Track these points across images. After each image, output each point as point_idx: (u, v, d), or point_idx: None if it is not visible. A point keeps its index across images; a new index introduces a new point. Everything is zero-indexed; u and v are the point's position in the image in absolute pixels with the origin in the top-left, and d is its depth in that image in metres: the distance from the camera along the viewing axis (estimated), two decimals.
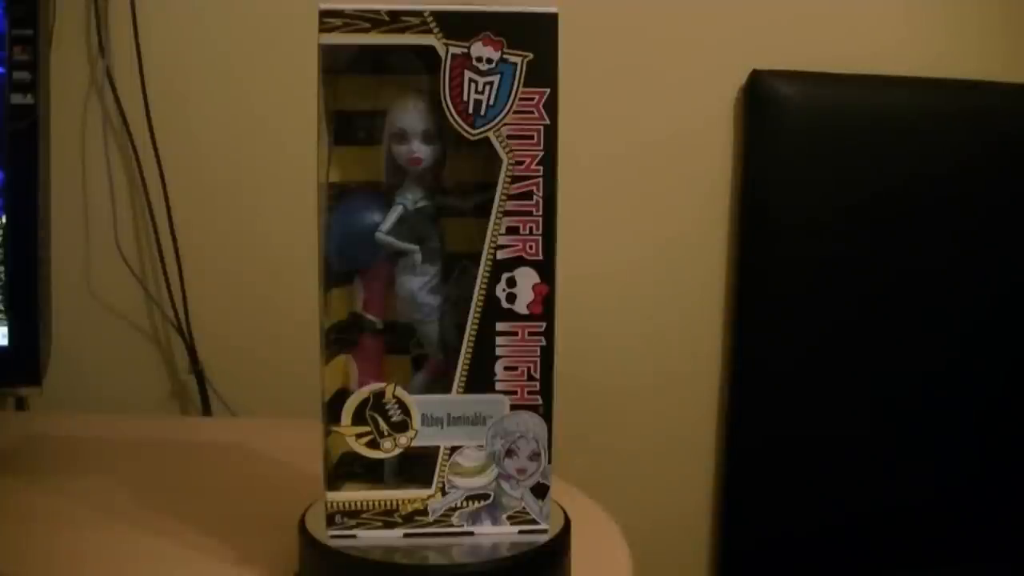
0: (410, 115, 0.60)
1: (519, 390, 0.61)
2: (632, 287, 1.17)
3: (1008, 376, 1.19)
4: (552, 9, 0.59)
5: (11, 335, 0.81)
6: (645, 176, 1.16)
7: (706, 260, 1.18)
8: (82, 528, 0.73)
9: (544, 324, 0.60)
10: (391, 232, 0.61)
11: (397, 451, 0.61)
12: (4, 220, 0.80)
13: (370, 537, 0.62)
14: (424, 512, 0.62)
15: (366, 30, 0.58)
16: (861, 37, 1.17)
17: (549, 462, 0.62)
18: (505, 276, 0.60)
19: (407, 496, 0.62)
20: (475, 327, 0.60)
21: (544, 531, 0.63)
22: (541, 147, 0.59)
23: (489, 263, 0.60)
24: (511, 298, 0.60)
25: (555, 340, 0.61)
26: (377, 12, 0.57)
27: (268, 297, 1.12)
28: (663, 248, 1.17)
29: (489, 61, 0.58)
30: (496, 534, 0.62)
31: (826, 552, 1.18)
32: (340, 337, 0.63)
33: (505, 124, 0.59)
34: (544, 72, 0.59)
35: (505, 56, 0.58)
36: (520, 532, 0.63)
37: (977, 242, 1.17)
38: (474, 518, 0.62)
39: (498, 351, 0.60)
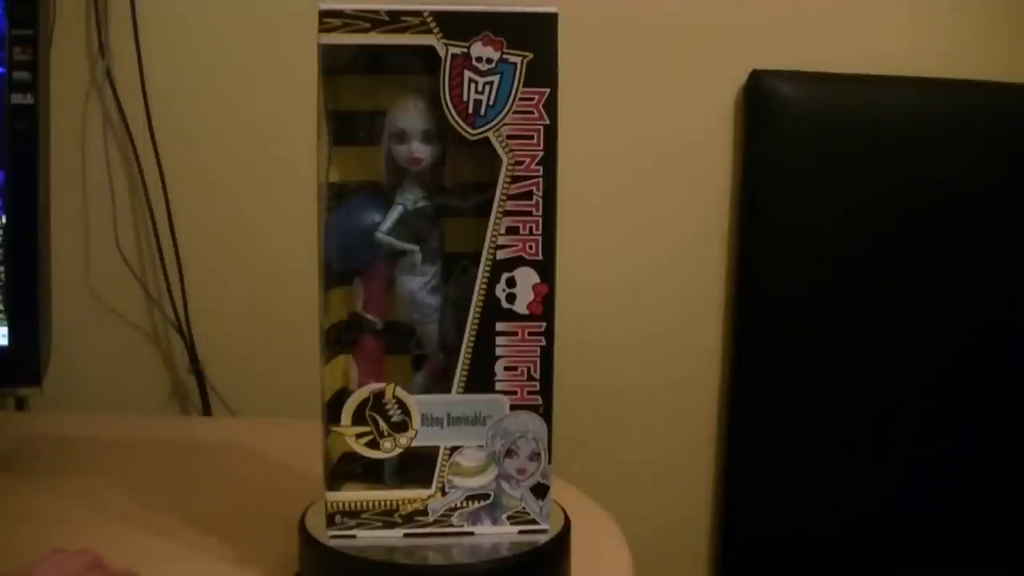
0: (410, 115, 0.60)
1: (519, 390, 0.61)
2: (631, 287, 1.17)
3: (1008, 377, 1.19)
4: (552, 9, 0.59)
5: (11, 335, 0.81)
6: (645, 176, 1.16)
7: (706, 261, 1.18)
8: (81, 528, 0.73)
9: (544, 324, 0.60)
10: (391, 232, 0.61)
11: (397, 451, 0.61)
12: (4, 220, 0.80)
13: (370, 537, 0.62)
14: (424, 512, 0.62)
15: (366, 30, 0.58)
16: (862, 37, 1.17)
17: (549, 462, 0.62)
18: (505, 276, 0.60)
19: (407, 496, 0.62)
20: (475, 327, 0.60)
21: (544, 531, 0.63)
22: (541, 147, 0.59)
23: (489, 263, 0.60)
24: (511, 298, 0.60)
25: (555, 340, 0.61)
26: (377, 12, 0.57)
27: (268, 297, 1.11)
28: (663, 248, 1.17)
29: (489, 61, 0.58)
30: (496, 534, 0.62)
31: (826, 553, 1.18)
32: (340, 337, 0.63)
33: (505, 124, 0.59)
34: (544, 72, 0.59)
35: (505, 56, 0.58)
36: (520, 532, 0.63)
37: (978, 242, 1.17)
38: (474, 518, 0.62)
39: (498, 351, 0.60)
